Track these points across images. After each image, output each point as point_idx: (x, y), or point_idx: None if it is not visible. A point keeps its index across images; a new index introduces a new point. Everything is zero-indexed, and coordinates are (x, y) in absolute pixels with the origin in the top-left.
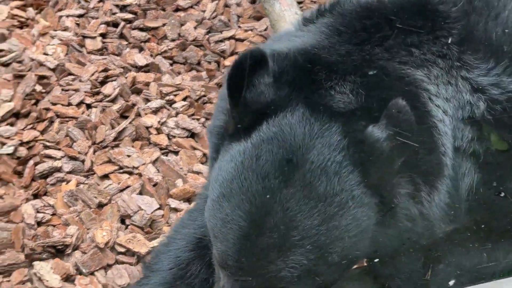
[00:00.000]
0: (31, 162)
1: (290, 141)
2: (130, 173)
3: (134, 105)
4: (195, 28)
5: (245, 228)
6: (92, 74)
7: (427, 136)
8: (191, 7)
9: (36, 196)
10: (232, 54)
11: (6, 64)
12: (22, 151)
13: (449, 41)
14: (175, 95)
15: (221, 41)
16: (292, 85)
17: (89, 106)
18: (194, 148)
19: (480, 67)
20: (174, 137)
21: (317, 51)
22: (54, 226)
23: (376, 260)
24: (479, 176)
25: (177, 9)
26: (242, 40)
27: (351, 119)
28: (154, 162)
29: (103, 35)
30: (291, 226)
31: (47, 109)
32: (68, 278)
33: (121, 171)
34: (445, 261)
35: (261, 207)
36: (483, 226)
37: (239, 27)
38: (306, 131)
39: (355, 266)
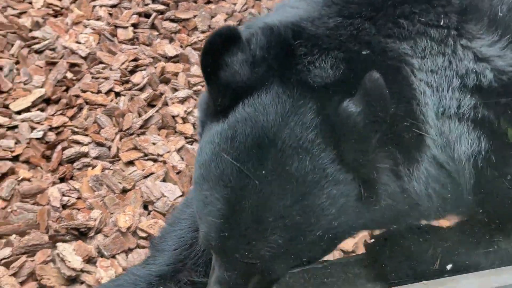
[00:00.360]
0: (59, 147)
1: (262, 122)
2: (155, 161)
3: (162, 94)
4: (225, 20)
5: (222, 211)
6: (122, 63)
7: (404, 109)
8: None
9: (62, 180)
10: None
11: (39, 51)
12: (51, 136)
13: (448, 10)
14: (203, 86)
15: None
16: (271, 62)
17: (117, 94)
18: None
19: (483, 38)
20: None
21: (305, 24)
22: (78, 209)
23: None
24: (488, 143)
25: (208, 1)
26: None
27: (326, 94)
28: (178, 151)
29: (135, 25)
30: (265, 207)
31: (77, 96)
32: (89, 260)
33: (146, 158)
34: (449, 249)
35: (236, 189)
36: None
37: None
38: (279, 110)
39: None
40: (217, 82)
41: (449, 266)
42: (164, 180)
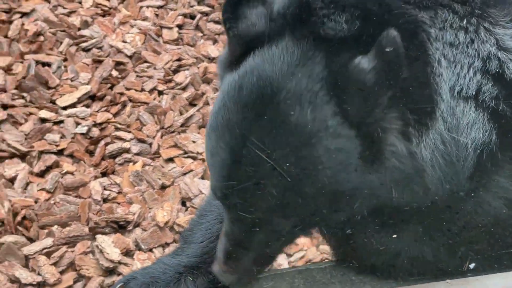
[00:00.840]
0: (102, 142)
1: (268, 72)
2: (194, 158)
3: (203, 94)
4: None
5: (226, 160)
6: (166, 63)
7: (419, 72)
8: None
9: (104, 174)
10: None
11: (86, 49)
12: (95, 132)
13: None
14: None
15: None
16: (287, 15)
17: (160, 93)
18: None
19: (506, 27)
20: None
21: None
22: (118, 203)
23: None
24: (499, 139)
25: None
26: None
27: (337, 48)
28: None
29: (180, 26)
30: (263, 157)
31: (121, 94)
32: (127, 253)
33: (185, 155)
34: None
35: (239, 138)
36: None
37: None
38: (286, 60)
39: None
40: (234, 33)
41: (472, 265)
42: (202, 178)
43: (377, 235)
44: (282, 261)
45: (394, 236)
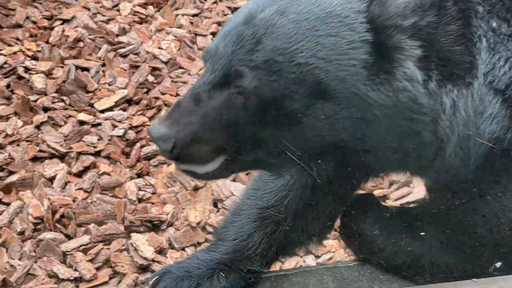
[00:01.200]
0: (137, 145)
1: None
2: None
3: None
4: None
5: (228, 25)
6: (200, 69)
7: (460, 31)
8: None
9: (139, 175)
10: None
11: (124, 55)
12: (131, 134)
13: None
14: None
15: None
16: None
17: None
18: None
19: None
20: None
21: None
22: (152, 203)
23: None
24: None
25: None
26: None
27: None
28: None
29: (213, 34)
30: (273, 24)
31: (157, 98)
32: (160, 251)
33: None
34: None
35: (260, 6)
36: None
37: None
38: None
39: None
40: None
41: (498, 264)
42: (234, 180)
43: (401, 235)
44: (310, 262)
45: (417, 236)
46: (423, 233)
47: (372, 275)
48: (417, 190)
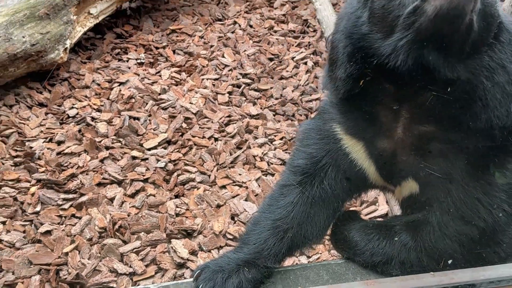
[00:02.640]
0: (175, 174)
1: None
2: (240, 186)
3: (246, 140)
4: (292, 91)
5: None
6: (220, 118)
7: None
8: (291, 77)
9: (176, 196)
10: (316, 110)
11: (164, 108)
12: (170, 166)
13: None
14: (275, 136)
15: (310, 101)
16: None
17: (216, 139)
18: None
19: None
20: (272, 164)
21: None
22: (186, 217)
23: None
24: None
25: (281, 78)
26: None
27: None
28: (257, 180)
29: (230, 93)
30: None
31: (188, 140)
32: (193, 253)
33: (234, 184)
34: None
35: None
36: None
37: (323, 92)
38: None
39: None
40: None
41: (449, 261)
42: (246, 200)
43: (377, 241)
44: (303, 261)
45: (389, 241)
46: (396, 239)
47: (356, 270)
48: (381, 208)
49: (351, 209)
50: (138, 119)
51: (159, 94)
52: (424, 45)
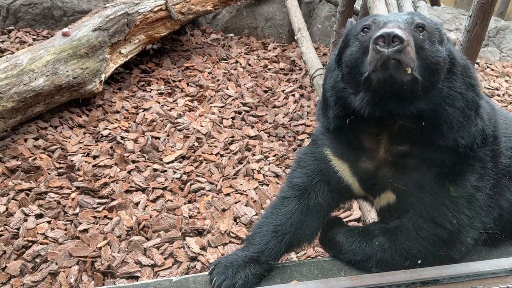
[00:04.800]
0: (188, 183)
1: None
2: (241, 194)
3: (246, 157)
4: (283, 117)
5: None
6: (225, 138)
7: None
8: (282, 106)
9: (189, 201)
10: (303, 132)
11: (180, 130)
12: (184, 177)
13: None
14: (269, 153)
15: (297, 125)
16: None
17: (222, 155)
18: (277, 183)
19: None
20: (267, 176)
21: None
22: (198, 219)
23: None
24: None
25: (274, 106)
26: (308, 126)
27: None
28: (255, 189)
29: (233, 118)
30: None
31: (199, 155)
32: (203, 248)
33: (236, 192)
34: None
35: None
36: None
37: (308, 118)
38: None
39: None
40: None
41: (419, 261)
42: (246, 205)
43: (358, 243)
44: (293, 256)
45: (369, 243)
46: (374, 241)
47: (340, 266)
48: (355, 213)
49: (335, 215)
50: (158, 138)
51: (176, 118)
52: (382, 99)
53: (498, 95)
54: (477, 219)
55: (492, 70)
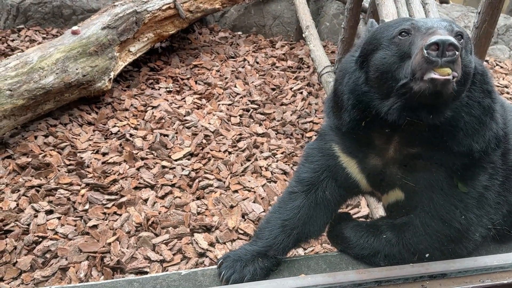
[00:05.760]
0: (197, 180)
1: None
2: (249, 191)
3: (254, 154)
4: (291, 115)
5: None
6: (233, 136)
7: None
8: (290, 103)
9: (198, 198)
10: (311, 130)
11: (188, 127)
12: (192, 174)
13: None
14: (277, 151)
15: (305, 123)
16: None
17: (230, 153)
18: (285, 180)
19: None
20: (275, 173)
21: None
22: (206, 215)
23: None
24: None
25: (282, 104)
26: (316, 123)
27: None
28: (262, 186)
29: (240, 115)
30: None
31: (208, 153)
32: (211, 244)
33: (244, 189)
34: None
35: None
36: None
37: (316, 116)
38: None
39: None
40: None
41: (427, 255)
42: (254, 202)
43: (366, 238)
44: (300, 252)
45: (377, 238)
46: (382, 236)
47: (348, 261)
48: (363, 210)
49: (343, 211)
50: (167, 135)
51: (184, 116)
52: (415, 108)
53: (508, 93)
54: (485, 217)
55: (502, 67)
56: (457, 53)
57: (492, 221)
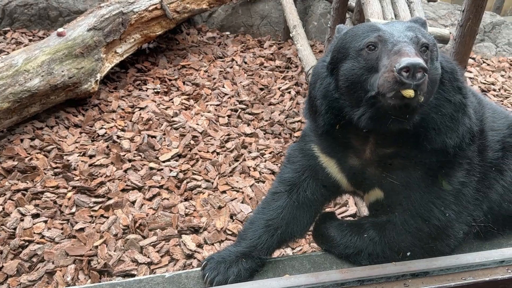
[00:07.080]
0: (185, 181)
1: None
2: (237, 191)
3: (242, 154)
4: (279, 114)
5: None
6: (221, 136)
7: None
8: (278, 103)
9: (186, 199)
10: (299, 130)
11: (176, 128)
12: (180, 175)
13: None
14: (265, 151)
15: (293, 122)
16: None
17: (218, 153)
18: (273, 180)
19: None
20: (263, 173)
21: None
22: (194, 216)
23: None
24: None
25: (270, 104)
26: (304, 123)
27: None
28: (251, 186)
29: (229, 116)
30: None
31: (196, 153)
32: (199, 245)
33: (232, 189)
34: None
35: None
36: None
37: (305, 119)
38: None
39: None
40: None
41: (408, 253)
42: (242, 202)
43: (350, 237)
44: (289, 251)
45: (360, 237)
46: (365, 235)
47: (332, 260)
48: (351, 208)
49: (328, 210)
50: (155, 137)
51: (172, 117)
52: (383, 117)
53: (494, 90)
54: (464, 213)
55: (488, 65)
56: (426, 75)
57: (473, 217)
